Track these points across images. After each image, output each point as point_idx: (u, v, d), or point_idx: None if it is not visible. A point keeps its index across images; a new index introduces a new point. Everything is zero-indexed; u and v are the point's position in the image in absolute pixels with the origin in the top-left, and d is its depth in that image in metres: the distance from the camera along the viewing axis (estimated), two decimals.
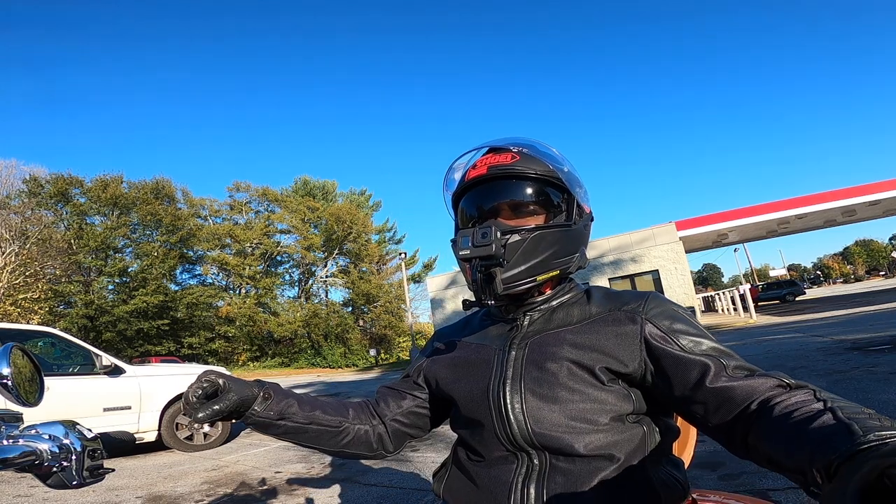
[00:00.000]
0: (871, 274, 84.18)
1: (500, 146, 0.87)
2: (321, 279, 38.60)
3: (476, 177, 0.84)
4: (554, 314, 0.85)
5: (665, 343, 0.73)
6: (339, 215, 35.23)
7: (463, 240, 0.77)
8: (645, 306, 0.79)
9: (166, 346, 30.18)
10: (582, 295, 0.88)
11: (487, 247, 0.74)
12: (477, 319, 0.98)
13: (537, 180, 0.84)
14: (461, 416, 0.86)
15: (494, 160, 0.84)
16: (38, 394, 0.75)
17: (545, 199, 0.84)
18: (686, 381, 0.70)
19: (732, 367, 0.69)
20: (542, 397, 0.75)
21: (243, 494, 3.60)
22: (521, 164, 0.83)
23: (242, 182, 37.39)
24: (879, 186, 18.00)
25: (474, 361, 0.87)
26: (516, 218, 0.83)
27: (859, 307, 14.51)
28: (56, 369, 5.12)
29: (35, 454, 0.62)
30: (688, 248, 22.34)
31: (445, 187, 0.94)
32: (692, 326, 0.76)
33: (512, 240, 0.78)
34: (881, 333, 7.71)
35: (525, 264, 0.78)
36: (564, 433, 0.72)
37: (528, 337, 0.83)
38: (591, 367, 0.74)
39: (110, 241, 29.92)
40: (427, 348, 1.02)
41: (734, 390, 0.65)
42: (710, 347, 0.72)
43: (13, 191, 27.65)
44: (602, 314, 0.81)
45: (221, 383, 0.77)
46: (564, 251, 0.83)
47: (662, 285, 18.14)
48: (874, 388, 4.22)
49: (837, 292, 34.45)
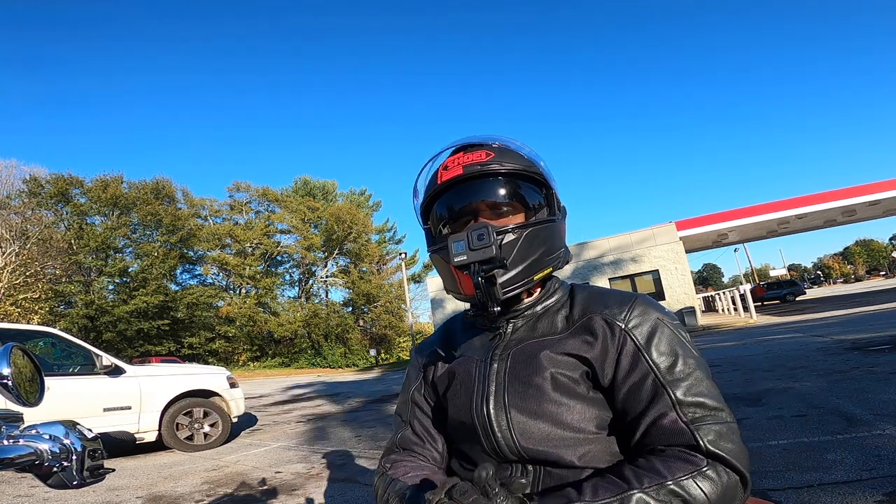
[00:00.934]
0: (871, 274, 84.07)
1: (471, 143, 0.83)
2: (321, 279, 38.61)
3: (451, 178, 0.79)
4: (538, 322, 0.82)
5: (634, 364, 0.71)
6: (339, 215, 35.24)
7: (456, 245, 0.73)
8: (628, 315, 0.75)
9: (166, 347, 30.17)
10: (566, 297, 0.84)
11: (487, 249, 0.70)
12: (458, 328, 0.94)
13: (517, 176, 0.79)
14: (451, 428, 0.85)
15: (468, 159, 0.79)
16: (39, 394, 0.76)
17: (526, 195, 0.80)
18: (634, 406, 0.70)
19: (683, 406, 0.67)
20: (528, 412, 0.73)
21: (243, 494, 3.60)
22: (498, 161, 0.78)
23: (242, 182, 37.45)
24: (879, 186, 18.01)
25: (458, 375, 0.84)
26: (498, 218, 0.79)
27: (859, 307, 14.50)
28: (56, 369, 5.12)
29: (35, 454, 0.63)
30: (688, 248, 22.33)
31: (414, 196, 0.88)
32: (671, 345, 0.72)
33: (507, 239, 0.74)
34: (881, 333, 7.70)
35: (522, 264, 0.75)
36: (555, 447, 0.71)
37: (511, 347, 0.80)
38: (574, 377, 0.73)
39: (110, 241, 29.91)
40: (412, 375, 0.97)
41: (661, 430, 0.67)
42: (677, 375, 0.69)
43: (13, 191, 27.67)
44: (584, 321, 0.77)
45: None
46: (555, 247, 0.81)
47: (662, 285, 18.14)
48: (874, 388, 4.22)
49: (837, 292, 34.43)
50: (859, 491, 2.31)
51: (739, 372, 6.18)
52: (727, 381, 5.57)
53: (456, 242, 0.73)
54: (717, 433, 0.65)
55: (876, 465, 2.58)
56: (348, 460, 4.40)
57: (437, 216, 0.85)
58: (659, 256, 18.37)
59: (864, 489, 2.32)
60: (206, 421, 5.78)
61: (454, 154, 0.82)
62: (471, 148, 0.81)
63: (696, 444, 0.64)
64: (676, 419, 0.66)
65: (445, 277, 0.83)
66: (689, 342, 0.74)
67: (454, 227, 0.82)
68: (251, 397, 11.77)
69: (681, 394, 0.68)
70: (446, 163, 0.81)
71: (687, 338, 0.74)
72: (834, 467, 2.64)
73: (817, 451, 2.94)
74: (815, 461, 2.77)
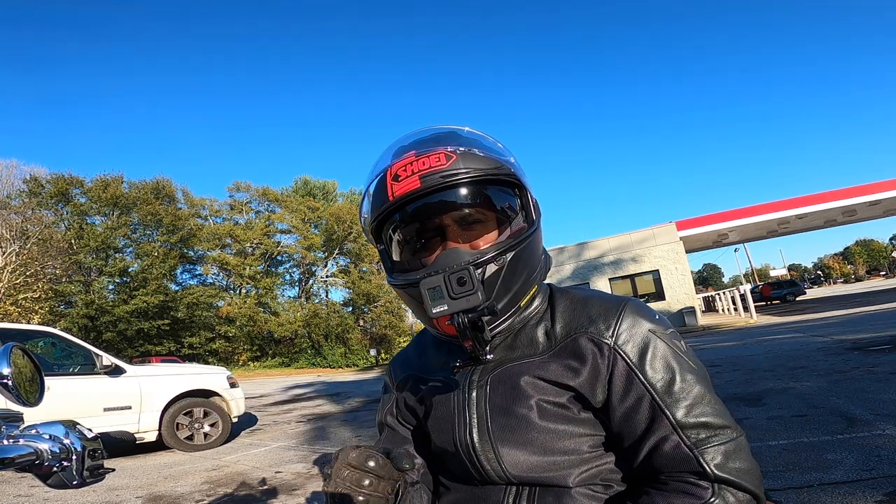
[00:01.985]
0: (871, 274, 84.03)
1: (423, 142, 0.70)
2: (321, 279, 38.59)
3: (407, 193, 0.65)
4: (517, 338, 0.73)
5: (628, 386, 0.65)
6: (339, 215, 35.24)
7: (431, 292, 0.61)
8: (616, 329, 0.67)
9: (167, 346, 30.14)
10: (545, 305, 0.76)
11: (472, 296, 0.60)
12: (431, 344, 0.85)
13: (486, 182, 0.68)
14: (435, 451, 0.79)
15: (423, 165, 0.65)
16: (39, 394, 0.75)
17: (498, 202, 0.70)
18: (632, 430, 0.65)
19: (685, 429, 0.62)
20: (515, 444, 0.67)
21: (243, 494, 3.60)
22: (460, 165, 0.65)
23: (242, 182, 37.40)
24: (879, 186, 18.02)
25: (435, 403, 0.77)
26: (467, 233, 0.69)
27: (859, 307, 14.50)
28: (56, 369, 5.12)
29: (35, 454, 0.62)
30: (688, 248, 22.31)
31: (362, 214, 0.74)
32: (666, 361, 0.66)
33: (488, 272, 0.65)
34: (881, 333, 7.70)
35: (507, 296, 0.67)
36: (547, 471, 0.66)
37: (489, 371, 0.72)
38: (561, 402, 0.67)
39: (111, 241, 29.89)
40: (386, 398, 0.90)
41: (663, 457, 0.62)
42: (676, 395, 0.64)
43: (13, 191, 27.68)
44: (567, 339, 0.69)
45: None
46: (537, 262, 0.73)
47: (662, 285, 18.15)
48: (874, 388, 4.22)
49: (838, 292, 34.42)
50: (859, 491, 2.31)
51: (740, 372, 6.18)
52: (727, 381, 5.57)
53: (430, 289, 0.61)
54: (725, 454, 0.60)
55: (876, 465, 2.58)
56: None
57: (392, 239, 0.73)
58: (659, 256, 18.37)
59: (864, 489, 2.32)
60: (206, 421, 5.78)
61: (405, 159, 0.67)
62: (424, 149, 0.67)
63: (703, 471, 0.60)
64: (679, 443, 0.61)
65: (416, 311, 0.72)
66: (685, 353, 0.68)
67: (416, 247, 0.71)
68: (251, 397, 11.77)
69: (681, 415, 0.62)
70: (396, 171, 0.66)
71: (683, 348, 0.68)
72: (834, 467, 2.64)
73: (817, 451, 2.94)
74: (815, 461, 2.77)
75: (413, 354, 0.89)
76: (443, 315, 0.61)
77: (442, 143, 0.69)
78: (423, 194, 0.66)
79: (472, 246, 0.69)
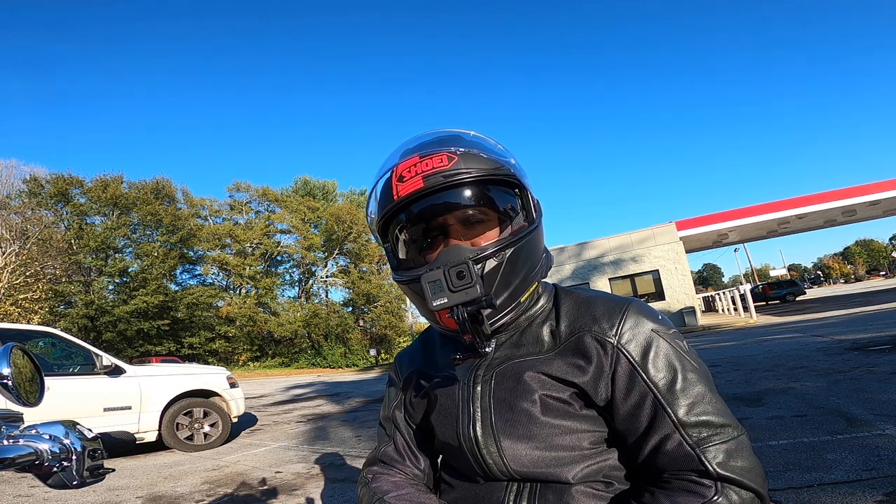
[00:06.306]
0: (871, 274, 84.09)
1: (427, 145, 0.73)
2: (321, 279, 38.58)
3: (411, 193, 0.68)
4: (523, 336, 0.75)
5: (631, 384, 0.66)
6: (339, 215, 35.24)
7: (431, 286, 0.64)
8: (619, 328, 0.69)
9: (166, 347, 30.14)
10: (550, 305, 0.78)
11: (471, 289, 0.62)
12: (437, 340, 0.88)
13: (487, 182, 0.70)
14: (439, 446, 0.82)
15: (427, 166, 0.68)
16: (39, 394, 0.76)
17: (499, 201, 0.72)
18: (635, 428, 0.67)
19: (687, 427, 0.63)
20: (518, 437, 0.69)
21: (244, 494, 3.60)
22: (462, 166, 0.68)
23: (242, 182, 37.37)
24: (879, 186, 18.02)
25: (441, 397, 0.79)
26: (470, 232, 0.72)
27: (859, 307, 14.50)
28: (56, 369, 5.12)
29: (35, 454, 0.62)
30: (688, 248, 22.34)
31: (368, 213, 0.78)
32: (669, 360, 0.67)
33: (488, 267, 0.67)
34: (881, 333, 7.70)
35: (507, 290, 0.69)
36: (548, 467, 0.68)
37: (494, 366, 0.74)
38: (564, 398, 0.69)
39: (110, 241, 29.89)
40: (392, 393, 0.93)
41: (666, 456, 0.63)
42: (678, 393, 0.65)
43: (13, 191, 27.69)
44: (572, 337, 0.71)
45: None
46: (538, 259, 0.75)
47: (662, 285, 18.16)
48: (874, 388, 4.22)
49: (838, 292, 34.42)
50: (859, 491, 2.31)
51: (740, 372, 6.18)
52: (727, 381, 5.57)
53: (431, 283, 0.64)
54: (727, 452, 0.61)
55: (876, 465, 2.58)
56: (348, 460, 4.40)
57: (397, 238, 0.76)
58: (659, 256, 18.38)
59: (864, 489, 2.32)
60: (206, 421, 5.78)
61: (409, 160, 0.71)
62: (428, 151, 0.71)
63: (705, 469, 0.61)
64: (681, 442, 0.62)
65: (419, 306, 0.75)
66: (687, 353, 0.69)
67: (421, 245, 0.74)
68: (251, 397, 11.77)
69: (683, 413, 0.64)
70: (400, 171, 0.70)
71: (685, 347, 0.70)
72: (834, 467, 2.64)
73: (817, 451, 2.94)
74: (815, 461, 2.77)
75: (419, 350, 0.91)
76: (443, 308, 0.64)
77: (445, 145, 0.72)
78: (426, 194, 0.69)
79: (473, 244, 0.72)
